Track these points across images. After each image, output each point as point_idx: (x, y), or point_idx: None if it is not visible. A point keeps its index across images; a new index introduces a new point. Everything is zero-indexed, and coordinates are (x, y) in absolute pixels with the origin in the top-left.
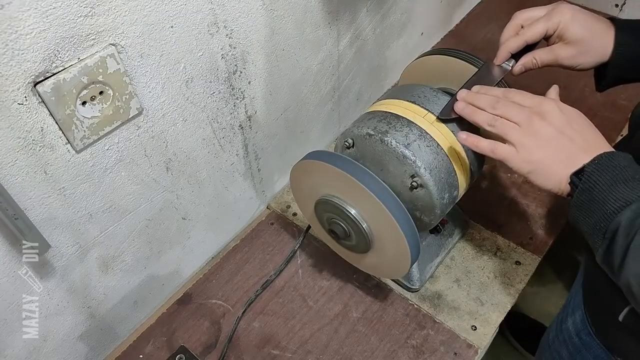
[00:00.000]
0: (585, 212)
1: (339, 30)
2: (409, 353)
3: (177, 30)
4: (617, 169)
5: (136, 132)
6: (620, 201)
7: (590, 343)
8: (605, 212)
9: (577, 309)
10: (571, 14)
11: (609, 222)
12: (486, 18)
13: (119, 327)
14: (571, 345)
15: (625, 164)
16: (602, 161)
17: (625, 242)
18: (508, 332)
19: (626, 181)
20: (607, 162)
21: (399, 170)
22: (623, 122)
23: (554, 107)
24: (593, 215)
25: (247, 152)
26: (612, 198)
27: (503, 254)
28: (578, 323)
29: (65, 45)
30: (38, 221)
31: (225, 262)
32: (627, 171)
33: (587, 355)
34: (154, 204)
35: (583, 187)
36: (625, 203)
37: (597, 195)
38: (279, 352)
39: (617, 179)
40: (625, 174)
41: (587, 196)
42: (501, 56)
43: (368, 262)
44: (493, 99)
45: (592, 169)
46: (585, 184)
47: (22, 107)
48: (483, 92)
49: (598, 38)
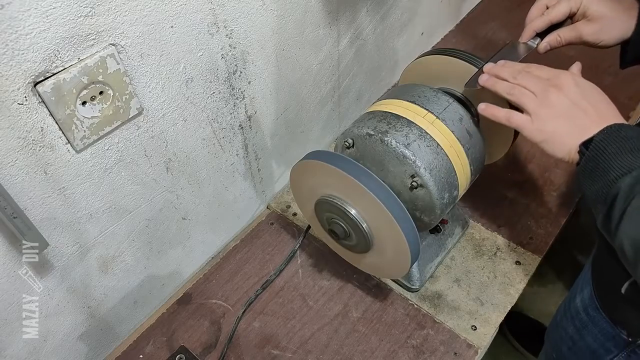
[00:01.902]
0: (590, 179)
1: (339, 30)
2: (409, 353)
3: (177, 30)
4: (624, 139)
5: (136, 132)
6: (623, 169)
7: (597, 317)
8: (608, 179)
9: (585, 286)
10: None
11: (610, 188)
12: (486, 18)
13: (119, 327)
14: (578, 321)
15: (633, 134)
16: (610, 131)
17: (623, 206)
18: (508, 332)
19: (632, 151)
20: (615, 132)
21: (399, 170)
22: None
23: (571, 80)
24: (597, 182)
25: (247, 152)
26: (616, 166)
27: (503, 254)
28: (586, 299)
29: (65, 45)
30: (38, 221)
31: (225, 262)
32: (634, 142)
33: (594, 330)
34: (154, 204)
35: (590, 155)
36: (628, 171)
37: (602, 163)
38: (279, 352)
39: (623, 148)
40: (632, 144)
41: (593, 164)
42: (526, 35)
43: (368, 262)
44: (514, 70)
45: (600, 138)
46: (592, 152)
47: (22, 107)
48: (507, 65)
49: (621, 14)
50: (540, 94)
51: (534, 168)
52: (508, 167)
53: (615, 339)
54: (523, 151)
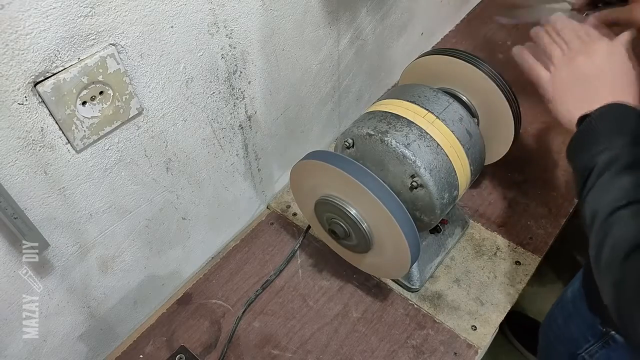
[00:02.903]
0: (577, 152)
1: (339, 30)
2: (409, 353)
3: (177, 30)
4: (618, 120)
5: (136, 132)
6: (606, 145)
7: (581, 307)
8: (591, 154)
9: (577, 279)
10: None
11: (590, 161)
12: (486, 18)
13: (119, 327)
14: (566, 311)
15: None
16: (608, 110)
17: (593, 181)
18: (508, 332)
19: (620, 133)
20: (612, 111)
21: (399, 170)
22: None
23: (605, 48)
24: (582, 156)
25: (247, 152)
26: (601, 143)
27: (503, 254)
28: (575, 291)
29: (66, 45)
30: (38, 221)
31: (225, 262)
32: (627, 125)
33: (577, 319)
34: (154, 204)
35: (582, 129)
36: (608, 149)
37: (590, 139)
38: (279, 352)
39: (613, 129)
40: (624, 126)
41: (583, 138)
42: None
43: (368, 262)
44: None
45: (596, 114)
46: (585, 126)
47: (22, 107)
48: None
49: None
50: (569, 53)
51: (534, 168)
52: (508, 167)
53: (593, 328)
54: (523, 151)
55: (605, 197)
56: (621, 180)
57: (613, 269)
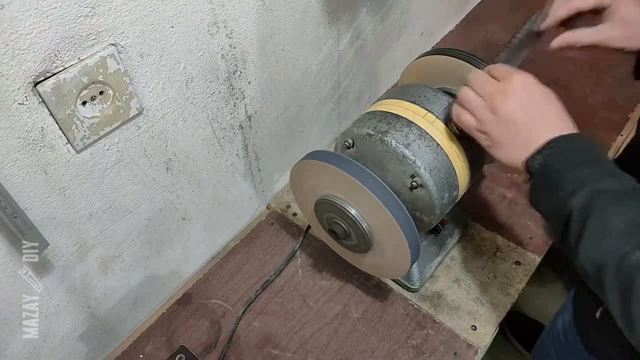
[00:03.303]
0: (543, 196)
1: (339, 31)
2: (409, 353)
3: (177, 30)
4: (572, 152)
5: (136, 132)
6: (575, 184)
7: (574, 342)
8: (561, 196)
9: (566, 310)
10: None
11: (563, 207)
12: (486, 18)
13: (119, 327)
14: (558, 343)
15: (580, 146)
16: (557, 144)
17: (579, 226)
18: (508, 332)
19: (581, 164)
20: (562, 145)
21: (398, 170)
22: (623, 121)
23: (519, 84)
24: (550, 199)
25: (247, 152)
26: (568, 181)
27: (503, 254)
28: (566, 322)
29: (66, 45)
30: (38, 221)
31: (225, 262)
32: (582, 153)
33: (571, 354)
34: (154, 204)
35: (540, 172)
36: (578, 187)
37: (554, 180)
38: (279, 352)
39: (573, 162)
40: (581, 156)
41: (545, 181)
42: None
43: (368, 262)
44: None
45: (548, 153)
46: (542, 168)
47: (23, 107)
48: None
49: None
50: (487, 98)
51: None
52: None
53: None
54: None
55: (603, 245)
56: (613, 222)
57: None
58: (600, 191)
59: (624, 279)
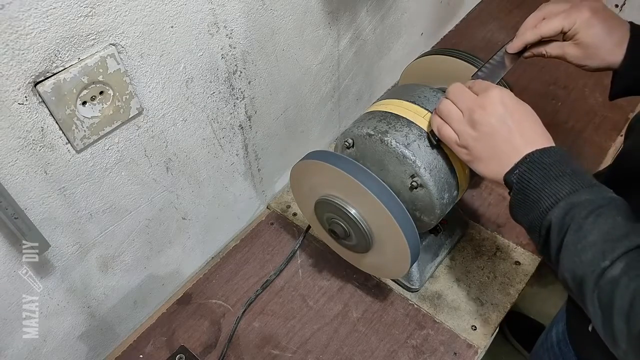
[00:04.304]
0: (522, 210)
1: (339, 31)
2: (409, 353)
3: (177, 30)
4: (548, 166)
5: (136, 132)
6: (552, 198)
7: (567, 354)
8: (539, 210)
9: (560, 320)
10: (588, 16)
11: (542, 219)
12: (486, 18)
13: (119, 327)
14: (552, 353)
15: (555, 159)
16: (533, 159)
17: (558, 240)
18: (508, 332)
19: (557, 177)
20: (538, 159)
21: (398, 170)
22: (623, 121)
23: (497, 98)
24: (529, 213)
25: (247, 152)
26: (545, 196)
27: (503, 254)
28: (560, 333)
29: (66, 45)
30: (38, 221)
31: (225, 262)
32: (558, 167)
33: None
34: (154, 204)
35: (517, 187)
36: (556, 200)
37: (531, 195)
38: (279, 352)
39: (549, 176)
40: (556, 170)
41: (522, 195)
42: (516, 45)
43: (368, 262)
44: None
45: (524, 168)
46: (519, 184)
47: (23, 107)
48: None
49: (609, 46)
50: (465, 112)
51: None
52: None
53: None
54: None
55: (582, 259)
56: (589, 235)
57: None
58: (576, 204)
59: (603, 293)
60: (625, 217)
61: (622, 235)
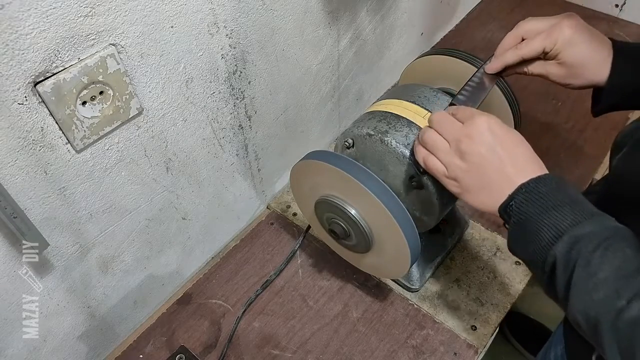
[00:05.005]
0: (522, 244)
1: (339, 30)
2: (409, 353)
3: (177, 30)
4: (545, 195)
5: (136, 132)
6: (553, 230)
7: None
8: (540, 244)
9: (558, 343)
10: (570, 35)
11: (545, 254)
12: (486, 18)
13: (119, 327)
14: None
15: (552, 187)
16: (529, 189)
17: (565, 277)
18: (508, 332)
19: (556, 207)
20: (534, 189)
21: (399, 170)
22: (623, 121)
23: (484, 126)
24: (529, 246)
25: (247, 152)
26: (545, 227)
27: (503, 254)
28: (559, 357)
29: (66, 45)
30: (38, 221)
31: (225, 262)
32: (556, 196)
33: None
34: (154, 204)
35: (516, 220)
36: (558, 233)
37: (530, 227)
38: (279, 352)
39: (547, 206)
40: (554, 199)
41: (521, 229)
42: (495, 66)
43: (368, 262)
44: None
45: (520, 199)
46: (516, 216)
47: (22, 107)
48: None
49: (591, 66)
50: (452, 143)
51: None
52: None
53: None
54: None
55: (594, 299)
56: (600, 272)
57: None
58: (581, 237)
59: (623, 336)
60: (634, 248)
61: (634, 270)
